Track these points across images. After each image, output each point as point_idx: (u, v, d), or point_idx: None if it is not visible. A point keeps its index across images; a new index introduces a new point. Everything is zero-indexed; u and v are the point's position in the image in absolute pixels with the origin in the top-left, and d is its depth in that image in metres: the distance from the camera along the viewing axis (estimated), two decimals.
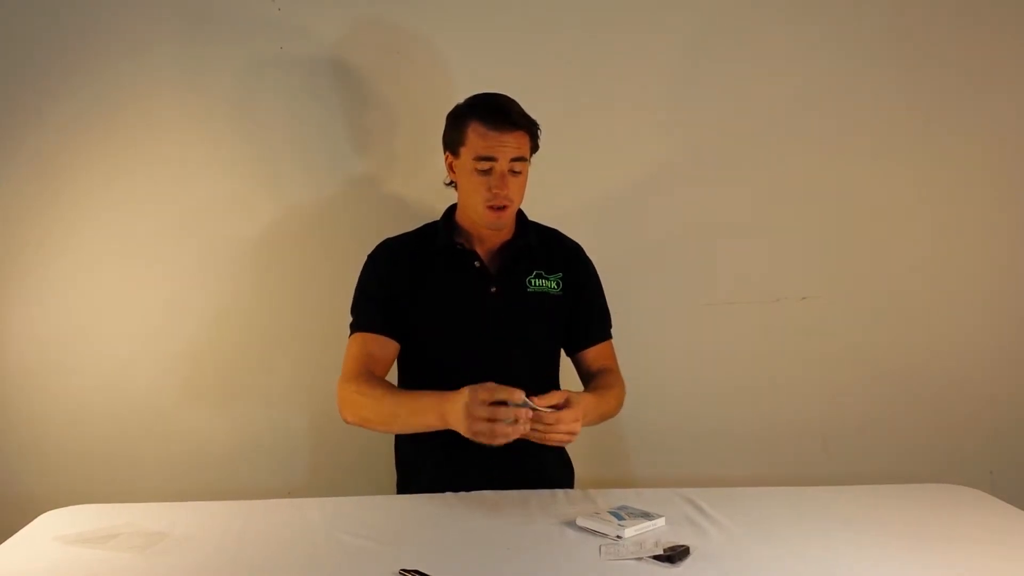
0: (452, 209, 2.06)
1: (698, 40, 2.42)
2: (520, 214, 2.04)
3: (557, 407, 1.75)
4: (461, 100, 1.98)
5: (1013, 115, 2.51)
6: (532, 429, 1.72)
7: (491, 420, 1.67)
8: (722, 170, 2.47)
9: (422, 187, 2.33)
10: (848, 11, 2.44)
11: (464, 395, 1.70)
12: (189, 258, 2.38)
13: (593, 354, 2.09)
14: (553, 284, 2.03)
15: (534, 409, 1.71)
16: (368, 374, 1.92)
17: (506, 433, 1.68)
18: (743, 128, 2.46)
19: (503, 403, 1.68)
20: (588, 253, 2.12)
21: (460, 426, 1.71)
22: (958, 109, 2.50)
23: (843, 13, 2.44)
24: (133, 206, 2.36)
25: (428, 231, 2.06)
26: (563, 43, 2.40)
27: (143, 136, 2.34)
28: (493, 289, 1.99)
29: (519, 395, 1.69)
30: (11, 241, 2.33)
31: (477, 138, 1.89)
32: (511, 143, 1.88)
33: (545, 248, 2.06)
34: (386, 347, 1.97)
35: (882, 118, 2.48)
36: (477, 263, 2.00)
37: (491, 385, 1.69)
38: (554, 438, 1.76)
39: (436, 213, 2.08)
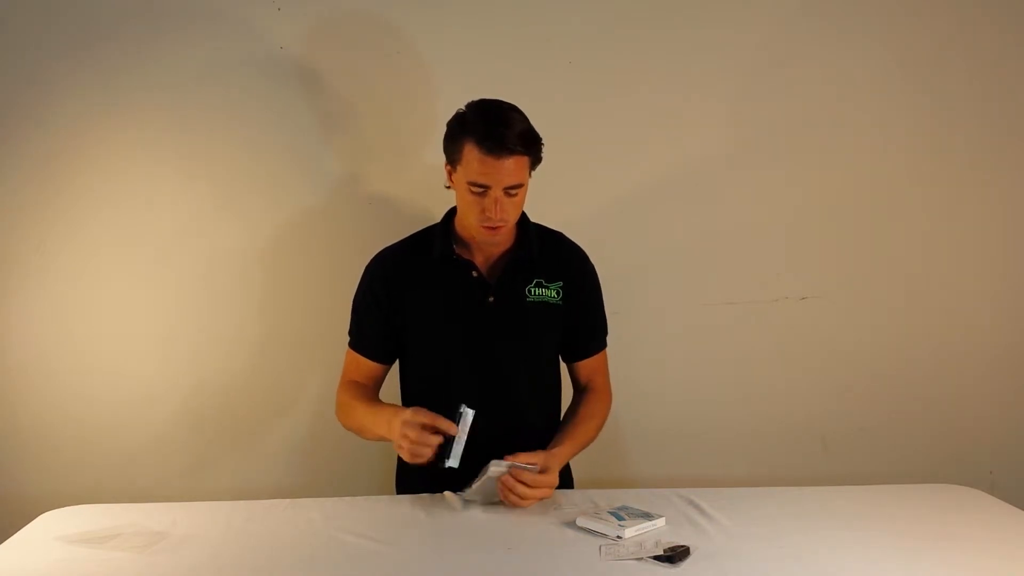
0: (452, 213, 2.00)
1: (698, 42, 2.42)
2: (522, 220, 1.98)
3: (534, 465, 1.81)
4: (464, 101, 1.90)
5: (1014, 116, 2.51)
6: (510, 490, 1.80)
7: (418, 443, 1.78)
8: (722, 171, 2.47)
9: (422, 189, 2.32)
10: (848, 12, 2.44)
11: (403, 414, 1.83)
12: (190, 258, 2.38)
13: (585, 366, 2.08)
14: (553, 293, 1.97)
15: (522, 468, 1.79)
16: (354, 384, 2.03)
17: (423, 455, 1.79)
18: (743, 130, 2.46)
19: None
20: (589, 254, 2.08)
21: (393, 438, 1.85)
22: (959, 109, 2.49)
23: (843, 14, 2.44)
24: (133, 207, 2.35)
25: (426, 237, 2.01)
26: (566, 44, 2.39)
27: (142, 137, 2.33)
28: (491, 299, 1.95)
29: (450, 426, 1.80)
30: (11, 241, 2.33)
31: (472, 161, 1.81)
32: (507, 170, 1.80)
33: (547, 255, 1.99)
34: (372, 369, 2.03)
35: (883, 118, 2.48)
36: (475, 272, 1.95)
37: (425, 412, 1.82)
38: (530, 501, 1.82)
39: (436, 215, 2.06)
